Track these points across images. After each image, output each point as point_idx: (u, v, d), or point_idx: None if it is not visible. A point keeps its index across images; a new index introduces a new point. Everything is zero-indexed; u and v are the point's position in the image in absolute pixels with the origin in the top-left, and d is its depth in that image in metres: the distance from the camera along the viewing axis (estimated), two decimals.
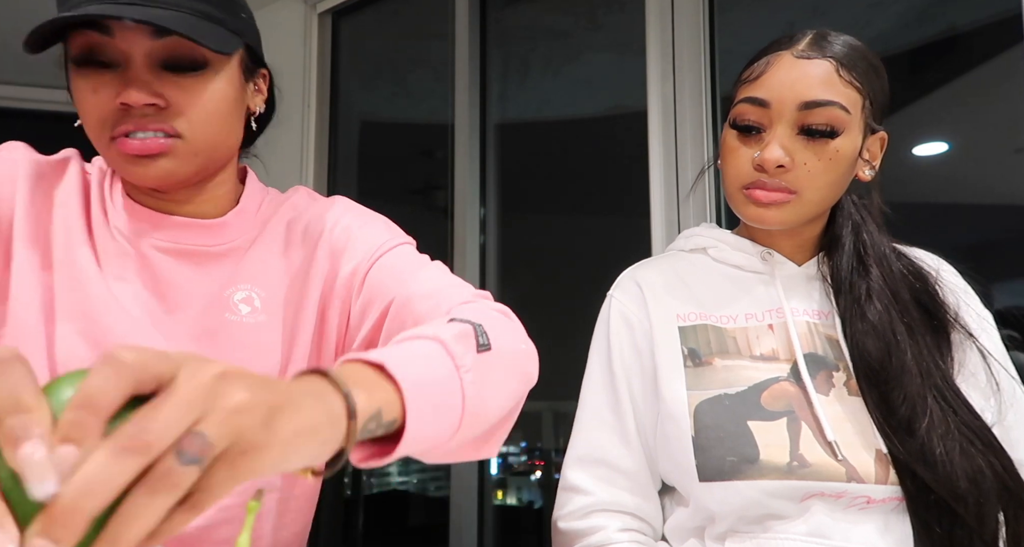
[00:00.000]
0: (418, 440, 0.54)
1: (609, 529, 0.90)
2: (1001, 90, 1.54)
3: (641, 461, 0.93)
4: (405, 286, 0.81)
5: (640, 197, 1.84)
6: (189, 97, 0.76)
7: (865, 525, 0.81)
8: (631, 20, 1.92)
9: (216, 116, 0.78)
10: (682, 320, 0.95)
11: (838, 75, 0.88)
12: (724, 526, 0.84)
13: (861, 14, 1.73)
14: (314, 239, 0.88)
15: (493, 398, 0.64)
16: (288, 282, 0.86)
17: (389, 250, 0.87)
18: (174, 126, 0.75)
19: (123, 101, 0.73)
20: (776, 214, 0.90)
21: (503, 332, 0.69)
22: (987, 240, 1.54)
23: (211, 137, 0.79)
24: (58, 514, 0.34)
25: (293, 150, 2.54)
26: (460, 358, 0.61)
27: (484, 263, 2.21)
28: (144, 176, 0.77)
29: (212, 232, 0.85)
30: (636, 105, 1.90)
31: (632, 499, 0.92)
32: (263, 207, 0.91)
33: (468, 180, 2.21)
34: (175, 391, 0.38)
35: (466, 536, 2.07)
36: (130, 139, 0.74)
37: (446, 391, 0.59)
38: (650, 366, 0.94)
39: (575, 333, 1.45)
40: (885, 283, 0.91)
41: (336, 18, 2.65)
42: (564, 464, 0.96)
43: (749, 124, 0.91)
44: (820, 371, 0.89)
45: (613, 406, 0.95)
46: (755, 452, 0.83)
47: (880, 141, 0.96)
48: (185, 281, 0.82)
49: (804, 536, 0.81)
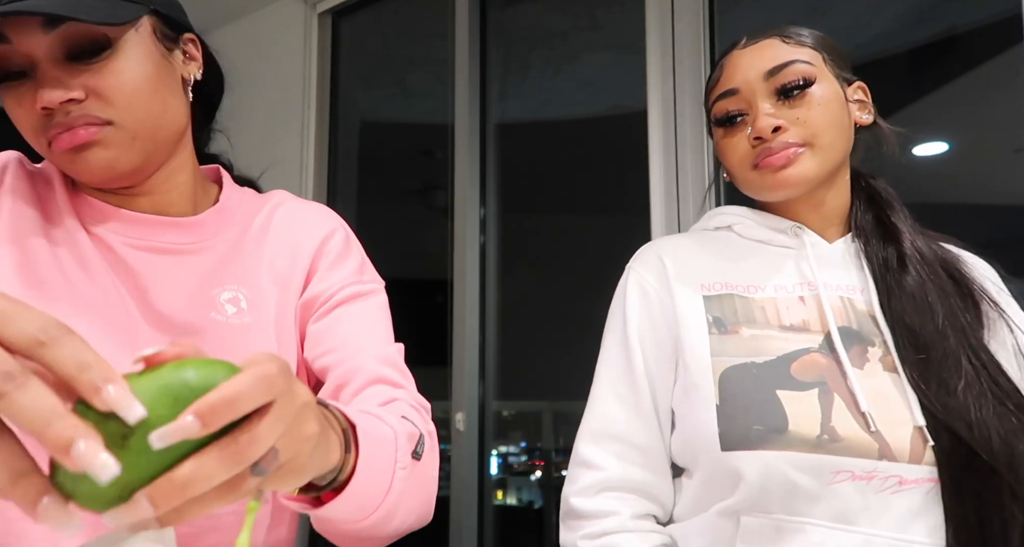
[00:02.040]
0: (347, 505, 0.61)
1: (623, 515, 0.87)
2: (1001, 90, 1.54)
3: (656, 435, 0.91)
4: (356, 340, 0.82)
5: (640, 197, 1.84)
6: (104, 81, 0.72)
7: (894, 511, 0.77)
8: (631, 20, 1.92)
9: (141, 94, 0.74)
10: (707, 290, 0.93)
11: (785, 43, 0.93)
12: (742, 501, 0.81)
13: (861, 14, 1.73)
14: (297, 253, 0.86)
15: (404, 504, 0.70)
16: (273, 287, 0.84)
17: (356, 297, 0.85)
18: (98, 114, 0.72)
19: (42, 106, 0.70)
20: (796, 170, 0.89)
21: (432, 454, 0.75)
22: (987, 240, 1.54)
23: (144, 117, 0.75)
24: (166, 487, 0.39)
25: (293, 150, 2.54)
26: (401, 456, 0.68)
27: (484, 263, 2.22)
28: (86, 170, 0.74)
29: (188, 230, 0.82)
30: (636, 105, 1.90)
31: (644, 474, 0.89)
32: (242, 207, 0.88)
33: (468, 180, 2.21)
34: (277, 412, 0.43)
35: (466, 536, 2.07)
36: (61, 135, 0.72)
37: (381, 476, 0.65)
38: (667, 338, 0.92)
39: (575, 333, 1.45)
40: (915, 248, 0.91)
41: (336, 18, 2.65)
42: (577, 438, 0.94)
43: (730, 114, 0.94)
44: (854, 345, 0.86)
45: (628, 379, 0.92)
46: (784, 422, 0.80)
47: (861, 89, 0.98)
48: (163, 277, 0.79)
49: (828, 521, 0.78)
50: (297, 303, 0.84)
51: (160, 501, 0.39)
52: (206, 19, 3.33)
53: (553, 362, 2.18)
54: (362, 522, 0.66)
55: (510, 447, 2.31)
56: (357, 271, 0.88)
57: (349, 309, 0.84)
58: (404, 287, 2.41)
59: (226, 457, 0.41)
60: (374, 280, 0.89)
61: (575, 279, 2.18)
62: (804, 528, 0.78)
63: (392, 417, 0.70)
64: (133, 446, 0.39)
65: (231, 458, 0.41)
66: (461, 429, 2.09)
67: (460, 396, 2.12)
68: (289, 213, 0.90)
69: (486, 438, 2.15)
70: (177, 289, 0.79)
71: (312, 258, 0.86)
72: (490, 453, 2.18)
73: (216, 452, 0.40)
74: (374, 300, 0.87)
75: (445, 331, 2.20)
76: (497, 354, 2.19)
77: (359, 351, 0.80)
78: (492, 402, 2.18)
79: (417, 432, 0.72)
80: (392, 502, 0.67)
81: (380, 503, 0.66)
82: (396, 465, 0.67)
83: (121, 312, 0.76)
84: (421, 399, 0.81)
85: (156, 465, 0.40)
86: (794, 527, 0.79)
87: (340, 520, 0.65)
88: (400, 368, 0.82)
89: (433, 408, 0.82)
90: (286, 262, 0.85)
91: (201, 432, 0.39)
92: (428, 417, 0.80)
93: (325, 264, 0.86)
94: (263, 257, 0.85)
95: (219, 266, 0.82)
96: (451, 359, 2.16)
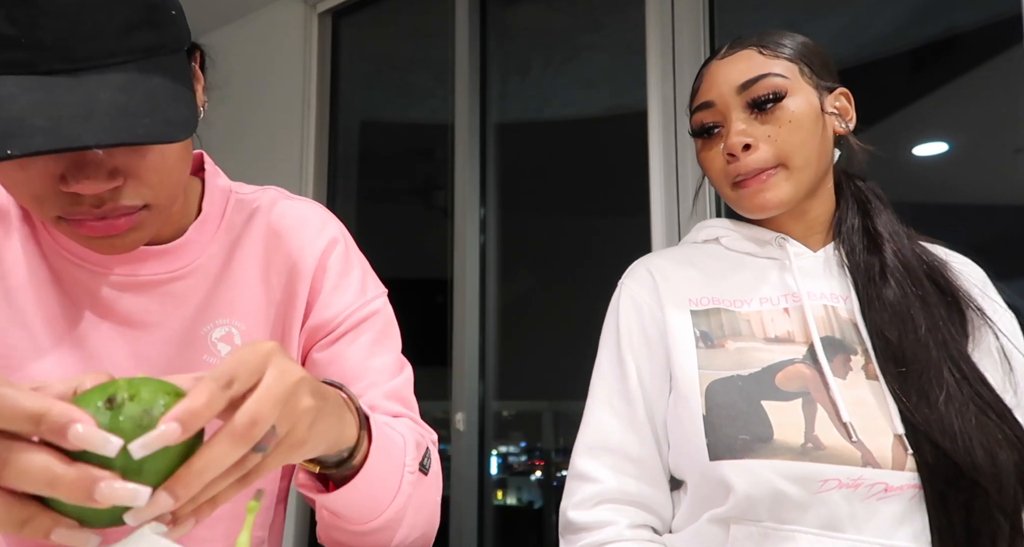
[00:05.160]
0: (357, 496, 0.62)
1: (620, 525, 0.88)
2: (1001, 90, 1.54)
3: (650, 447, 0.92)
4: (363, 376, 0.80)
5: (640, 197, 1.84)
6: (148, 162, 0.61)
7: (880, 518, 0.79)
8: (631, 20, 1.93)
9: (178, 164, 0.65)
10: (694, 304, 0.94)
11: (761, 54, 0.93)
12: (731, 510, 0.82)
13: (861, 14, 1.73)
14: (296, 269, 0.80)
15: (409, 516, 0.70)
16: (271, 314, 0.78)
17: (360, 322, 0.82)
18: (136, 203, 0.62)
19: (73, 190, 0.58)
20: (773, 193, 0.90)
21: (436, 478, 0.75)
22: (987, 240, 1.54)
23: (176, 187, 0.67)
24: (185, 477, 0.42)
25: (293, 150, 2.54)
26: (410, 461, 0.69)
27: (484, 263, 2.22)
28: (110, 251, 0.66)
29: (173, 256, 0.74)
30: (636, 105, 1.90)
31: (640, 486, 0.90)
32: (229, 213, 0.79)
33: (468, 180, 2.21)
34: (270, 389, 0.46)
35: (466, 536, 2.07)
36: (91, 222, 0.61)
37: (391, 475, 0.66)
38: (660, 351, 0.93)
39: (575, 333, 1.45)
40: (898, 259, 0.91)
41: (336, 18, 2.65)
42: (574, 452, 0.95)
43: (705, 126, 0.95)
44: (837, 354, 0.88)
45: (622, 392, 0.94)
46: (768, 431, 0.82)
47: (844, 96, 0.97)
48: (151, 319, 0.72)
49: (816, 529, 0.79)
50: (300, 329, 0.80)
51: (180, 490, 0.42)
52: (206, 19, 3.33)
53: (553, 362, 2.18)
54: (369, 523, 0.66)
55: (510, 447, 2.31)
56: (360, 290, 0.83)
57: (354, 340, 0.80)
58: (404, 287, 2.42)
59: (235, 439, 0.44)
60: (377, 293, 0.85)
61: (575, 279, 2.19)
62: (793, 536, 0.79)
63: (401, 425, 0.72)
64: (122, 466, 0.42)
65: (239, 440, 0.44)
66: (461, 429, 2.09)
67: (460, 396, 2.12)
68: (283, 218, 0.82)
69: (486, 438, 2.15)
70: (168, 332, 0.73)
71: (313, 276, 0.81)
72: (490, 453, 2.19)
73: (224, 436, 0.44)
74: (379, 321, 0.83)
75: (445, 331, 2.20)
76: (497, 354, 2.19)
77: (367, 387, 0.78)
78: (492, 402, 2.18)
79: (424, 443, 0.73)
80: (399, 508, 0.67)
81: (388, 505, 0.66)
82: (405, 469, 0.68)
83: (123, 364, 0.72)
84: (427, 427, 0.81)
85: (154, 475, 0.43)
86: (783, 535, 0.80)
87: (348, 519, 0.65)
88: (407, 401, 0.81)
89: (433, 408, 0.83)
90: (284, 279, 0.80)
91: (182, 436, 0.42)
92: (434, 446, 0.79)
93: (328, 285, 0.81)
94: (257, 275, 0.79)
95: (210, 295, 0.76)
96: (451, 359, 2.16)
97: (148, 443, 0.41)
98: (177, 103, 0.59)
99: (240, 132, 2.62)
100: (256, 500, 0.49)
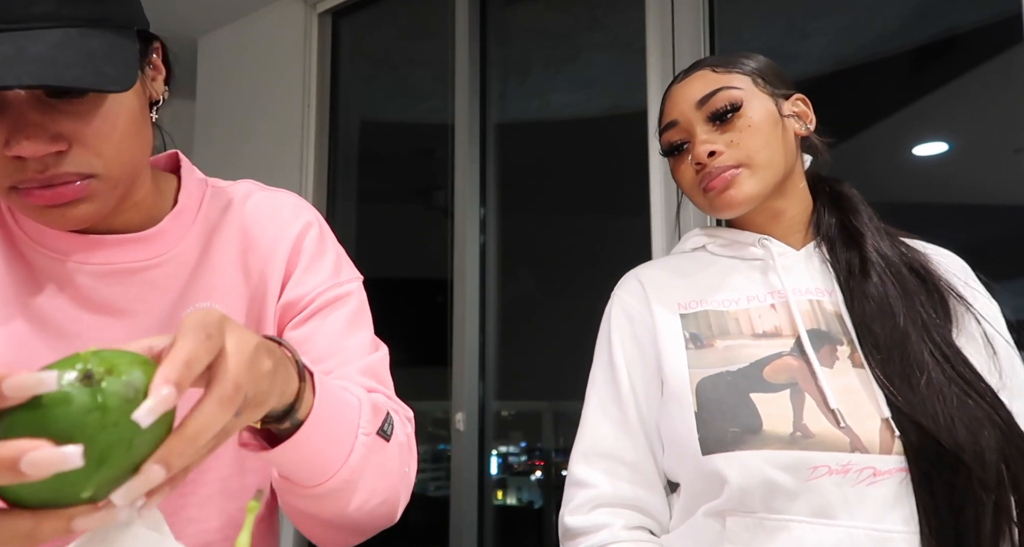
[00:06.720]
0: (304, 453, 0.61)
1: (615, 527, 0.90)
2: (1001, 90, 1.54)
3: (644, 452, 0.94)
4: (336, 354, 0.80)
5: (640, 197, 1.84)
6: (92, 128, 0.62)
7: (871, 502, 0.80)
8: (631, 20, 1.93)
9: (128, 137, 0.65)
10: (683, 308, 0.97)
11: (715, 73, 0.99)
12: (726, 502, 0.84)
13: (861, 14, 1.73)
14: (272, 253, 0.81)
15: (366, 480, 0.68)
16: (248, 298, 0.79)
17: (333, 301, 0.82)
18: (83, 171, 0.62)
19: (15, 154, 0.59)
20: (738, 191, 0.94)
21: (402, 449, 0.74)
22: (987, 240, 1.54)
23: (128, 162, 0.66)
24: (178, 446, 0.43)
25: (293, 150, 2.54)
26: (365, 423, 0.67)
27: (484, 263, 2.22)
28: (62, 224, 0.66)
29: (147, 244, 0.74)
30: (636, 105, 1.90)
31: (635, 490, 0.93)
32: (205, 205, 0.80)
33: (468, 180, 2.21)
34: (240, 354, 0.47)
35: (466, 536, 2.07)
36: (37, 190, 0.62)
37: (342, 435, 0.65)
38: (652, 356, 0.96)
39: (575, 333, 1.45)
40: (878, 253, 0.95)
41: (336, 18, 2.65)
42: (571, 459, 0.98)
43: (673, 144, 1.00)
44: (824, 345, 0.90)
45: (616, 399, 0.97)
46: (758, 422, 0.84)
47: (800, 101, 1.02)
48: (132, 307, 0.73)
49: (809, 517, 0.81)
50: (276, 306, 0.81)
51: (175, 460, 0.43)
52: (206, 19, 3.34)
53: (553, 362, 2.18)
54: (320, 486, 0.64)
55: (510, 447, 2.31)
56: (333, 272, 0.84)
57: (327, 318, 0.81)
58: (404, 287, 2.42)
59: (223, 403, 0.45)
60: (351, 277, 0.85)
61: (575, 279, 2.19)
62: (787, 525, 0.81)
63: (359, 390, 0.70)
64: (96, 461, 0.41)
65: (227, 404, 0.45)
66: (461, 429, 2.10)
67: (460, 396, 2.12)
68: (259, 206, 0.84)
69: (486, 438, 2.15)
70: (151, 318, 0.74)
71: (288, 258, 0.82)
72: (490, 453, 2.19)
73: (212, 402, 0.45)
74: (352, 303, 0.84)
75: (445, 331, 2.20)
76: (497, 354, 2.19)
77: (341, 364, 0.78)
78: (492, 402, 2.18)
79: (385, 409, 0.71)
80: (353, 470, 0.65)
81: (340, 467, 0.64)
82: (359, 430, 0.66)
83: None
84: (402, 403, 0.80)
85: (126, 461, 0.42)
86: (777, 525, 0.81)
87: (299, 480, 0.64)
88: (381, 378, 0.81)
89: (433, 408, 0.82)
90: (260, 265, 0.81)
91: (178, 399, 0.42)
92: (409, 423, 0.78)
93: (302, 265, 0.82)
94: (235, 262, 0.80)
95: (189, 282, 0.77)
96: (451, 359, 2.16)
97: (154, 408, 0.41)
98: (114, 61, 0.60)
99: (240, 132, 2.62)
100: (256, 500, 0.49)
